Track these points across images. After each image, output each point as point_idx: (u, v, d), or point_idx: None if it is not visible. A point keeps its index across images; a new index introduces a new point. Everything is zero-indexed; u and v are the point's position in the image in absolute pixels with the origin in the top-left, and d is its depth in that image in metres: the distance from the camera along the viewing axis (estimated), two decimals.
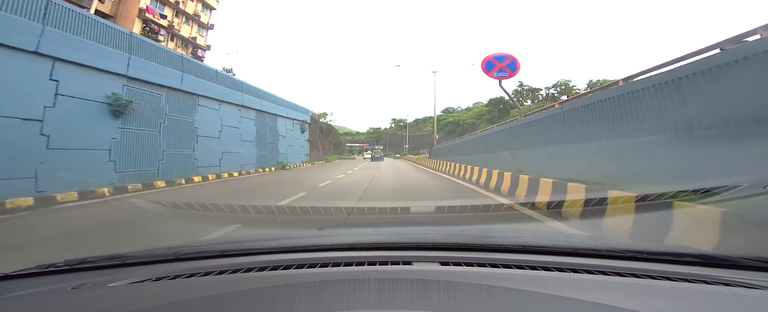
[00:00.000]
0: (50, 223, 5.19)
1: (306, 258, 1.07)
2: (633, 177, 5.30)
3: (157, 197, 7.74)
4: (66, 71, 8.04)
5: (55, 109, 7.71)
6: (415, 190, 8.53)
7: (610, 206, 3.82)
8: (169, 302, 0.79)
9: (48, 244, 3.87)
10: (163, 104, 11.40)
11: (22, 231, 4.77)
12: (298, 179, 12.13)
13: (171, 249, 1.20)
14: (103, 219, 5.44)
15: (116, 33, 9.68)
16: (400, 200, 6.69)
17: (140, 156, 10.17)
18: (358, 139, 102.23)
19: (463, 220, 4.84)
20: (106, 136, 9.13)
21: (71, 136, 7.99)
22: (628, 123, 5.85)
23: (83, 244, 3.84)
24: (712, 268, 0.98)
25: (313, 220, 4.89)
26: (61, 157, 7.71)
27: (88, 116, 8.60)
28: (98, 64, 8.87)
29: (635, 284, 0.87)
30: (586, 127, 7.21)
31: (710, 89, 4.36)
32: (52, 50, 7.67)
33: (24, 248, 3.70)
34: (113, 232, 4.51)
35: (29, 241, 4.06)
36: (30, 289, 0.94)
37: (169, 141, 11.45)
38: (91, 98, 8.74)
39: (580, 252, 1.10)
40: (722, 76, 4.20)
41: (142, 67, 10.36)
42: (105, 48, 9.14)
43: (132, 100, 9.77)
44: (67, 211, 6.13)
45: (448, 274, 0.91)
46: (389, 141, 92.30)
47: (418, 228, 1.91)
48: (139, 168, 10.06)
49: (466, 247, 1.17)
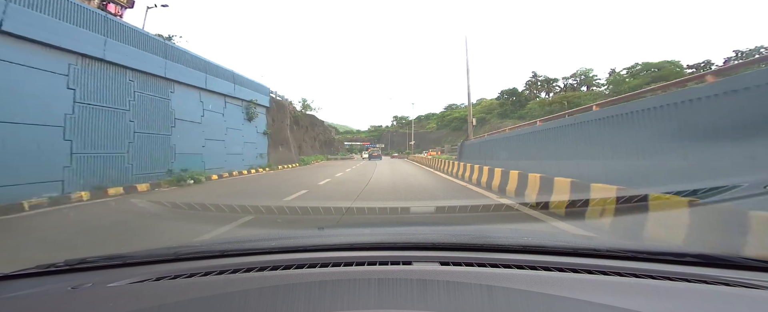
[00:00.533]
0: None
1: (306, 258, 1.07)
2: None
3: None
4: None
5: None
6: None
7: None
8: (169, 302, 0.79)
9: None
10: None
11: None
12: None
13: (171, 249, 1.20)
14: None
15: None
16: (400, 200, 6.69)
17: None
18: (359, 137, 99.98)
19: (463, 220, 4.84)
20: None
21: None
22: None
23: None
24: (712, 268, 0.98)
25: (313, 220, 4.90)
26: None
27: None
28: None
29: (635, 284, 0.87)
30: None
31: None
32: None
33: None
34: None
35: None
36: (30, 289, 0.94)
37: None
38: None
39: (580, 252, 1.10)
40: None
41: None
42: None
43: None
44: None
45: (448, 274, 0.91)
46: (391, 139, 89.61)
47: (418, 228, 1.92)
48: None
49: (466, 247, 1.17)
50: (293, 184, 9.98)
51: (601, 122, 7.37)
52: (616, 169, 6.42)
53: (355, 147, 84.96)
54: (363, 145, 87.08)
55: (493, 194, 7.63)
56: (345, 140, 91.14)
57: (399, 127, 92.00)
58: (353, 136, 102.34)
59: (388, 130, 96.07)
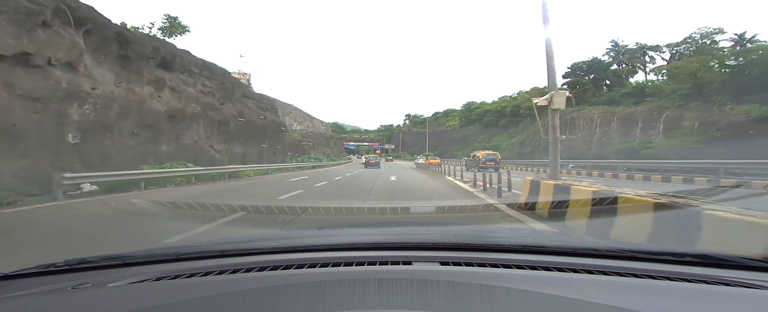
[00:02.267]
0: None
1: (306, 258, 1.07)
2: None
3: None
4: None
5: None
6: None
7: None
8: (169, 302, 0.79)
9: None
10: None
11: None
12: None
13: (171, 249, 1.21)
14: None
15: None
16: (400, 200, 6.69)
17: None
18: (367, 137, 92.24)
19: (463, 220, 4.84)
20: None
21: None
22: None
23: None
24: (712, 268, 0.99)
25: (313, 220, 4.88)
26: None
27: None
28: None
29: (635, 284, 0.87)
30: None
31: None
32: None
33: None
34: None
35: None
36: (30, 289, 0.94)
37: None
38: None
39: (580, 252, 1.10)
40: None
41: None
42: None
43: None
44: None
45: (448, 274, 0.91)
46: (402, 139, 79.62)
47: (418, 228, 1.92)
48: None
49: (466, 247, 1.17)
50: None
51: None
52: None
53: (361, 148, 79.68)
54: (371, 146, 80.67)
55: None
56: (352, 140, 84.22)
57: (412, 126, 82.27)
58: (360, 135, 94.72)
59: (400, 130, 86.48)
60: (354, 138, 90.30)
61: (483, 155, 24.06)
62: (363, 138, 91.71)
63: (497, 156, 24.23)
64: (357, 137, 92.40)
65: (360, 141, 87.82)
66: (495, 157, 23.81)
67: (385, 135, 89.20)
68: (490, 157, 23.46)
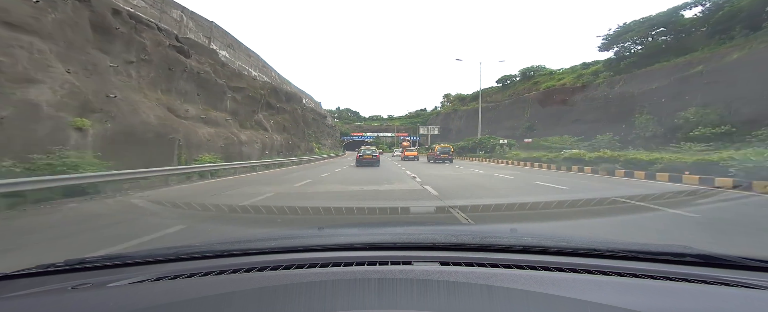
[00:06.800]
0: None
1: (306, 258, 1.07)
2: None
3: None
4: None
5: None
6: None
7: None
8: (169, 302, 0.79)
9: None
10: None
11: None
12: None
13: (171, 249, 1.20)
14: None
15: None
16: (400, 200, 6.69)
17: None
18: (391, 126, 68.85)
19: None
20: None
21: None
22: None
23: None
24: (712, 268, 0.99)
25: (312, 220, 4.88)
26: None
27: None
28: None
29: (635, 284, 0.87)
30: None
31: None
32: None
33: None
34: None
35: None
36: (30, 289, 0.94)
37: None
38: None
39: (579, 252, 1.10)
40: None
41: None
42: None
43: None
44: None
45: (448, 274, 0.91)
46: (441, 124, 55.90)
47: (418, 228, 1.91)
48: None
49: (466, 247, 1.17)
50: None
51: None
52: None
53: (382, 140, 60.97)
54: (396, 137, 59.65)
55: None
56: (370, 129, 61.62)
57: (452, 108, 58.74)
58: (381, 124, 71.67)
59: (438, 114, 63.25)
60: (372, 127, 68.56)
61: (438, 149, 26.45)
62: (386, 127, 69.25)
63: (450, 149, 26.48)
64: (376, 126, 69.78)
65: (380, 131, 66.59)
66: (448, 149, 26.13)
67: (413, 122, 64.24)
68: (443, 150, 25.95)
